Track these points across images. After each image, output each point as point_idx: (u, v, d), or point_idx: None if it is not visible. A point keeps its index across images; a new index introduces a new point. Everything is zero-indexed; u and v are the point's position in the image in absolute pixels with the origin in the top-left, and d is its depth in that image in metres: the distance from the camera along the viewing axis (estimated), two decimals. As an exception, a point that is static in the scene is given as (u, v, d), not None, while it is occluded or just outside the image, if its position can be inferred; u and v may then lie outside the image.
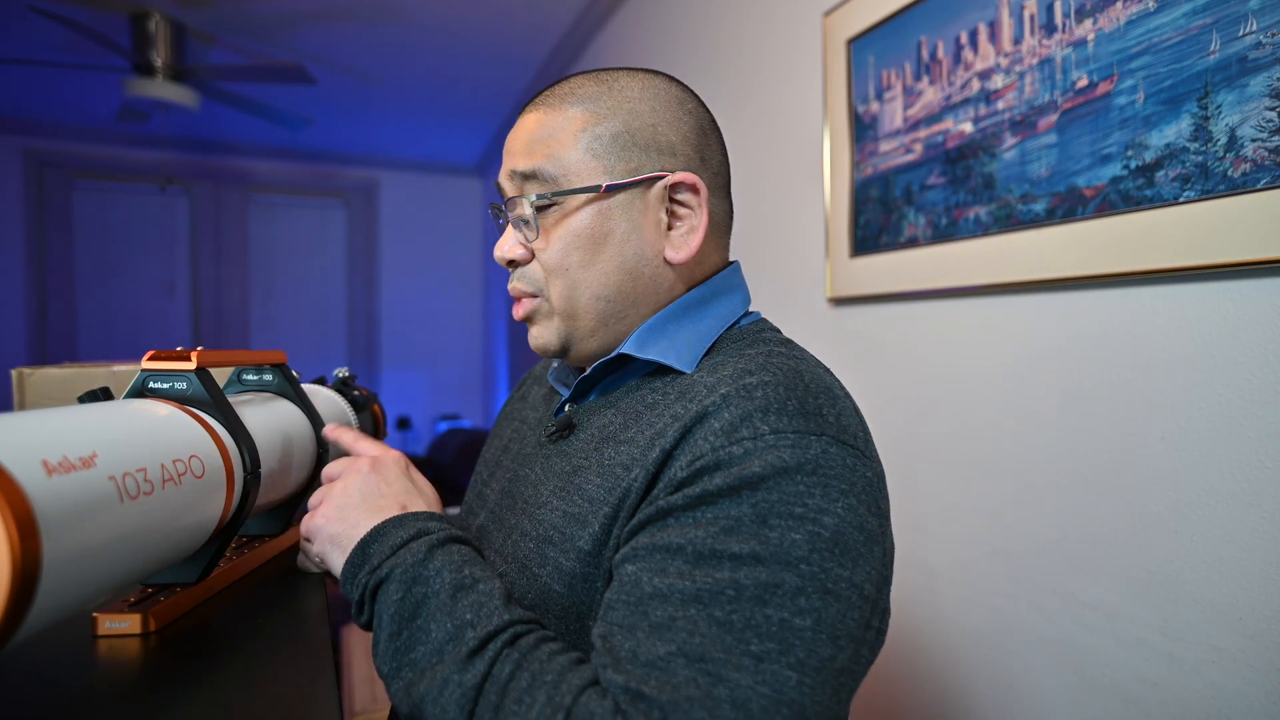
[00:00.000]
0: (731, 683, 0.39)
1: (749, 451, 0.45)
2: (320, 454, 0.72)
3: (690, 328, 0.58)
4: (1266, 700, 0.67)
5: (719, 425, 0.47)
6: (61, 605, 0.38)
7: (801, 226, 1.40)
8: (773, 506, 0.44)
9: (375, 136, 4.17)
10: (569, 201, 0.56)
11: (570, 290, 0.57)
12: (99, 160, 4.00)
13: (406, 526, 0.53)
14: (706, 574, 0.43)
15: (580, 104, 0.57)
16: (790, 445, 0.45)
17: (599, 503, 0.51)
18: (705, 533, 0.44)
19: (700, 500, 0.45)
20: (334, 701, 0.45)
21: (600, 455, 0.54)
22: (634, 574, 0.45)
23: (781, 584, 0.42)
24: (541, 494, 0.57)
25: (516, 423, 0.73)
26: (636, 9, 2.25)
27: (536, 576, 0.53)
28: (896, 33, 1.12)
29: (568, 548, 0.52)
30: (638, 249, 0.57)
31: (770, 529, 0.43)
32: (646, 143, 0.57)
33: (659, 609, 0.42)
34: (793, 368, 0.52)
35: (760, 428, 0.46)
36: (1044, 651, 0.91)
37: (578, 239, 0.56)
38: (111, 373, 0.85)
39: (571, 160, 0.56)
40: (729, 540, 0.43)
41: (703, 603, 0.42)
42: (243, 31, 2.74)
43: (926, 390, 1.10)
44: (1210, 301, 0.73)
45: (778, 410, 0.47)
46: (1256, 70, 0.66)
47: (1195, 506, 0.74)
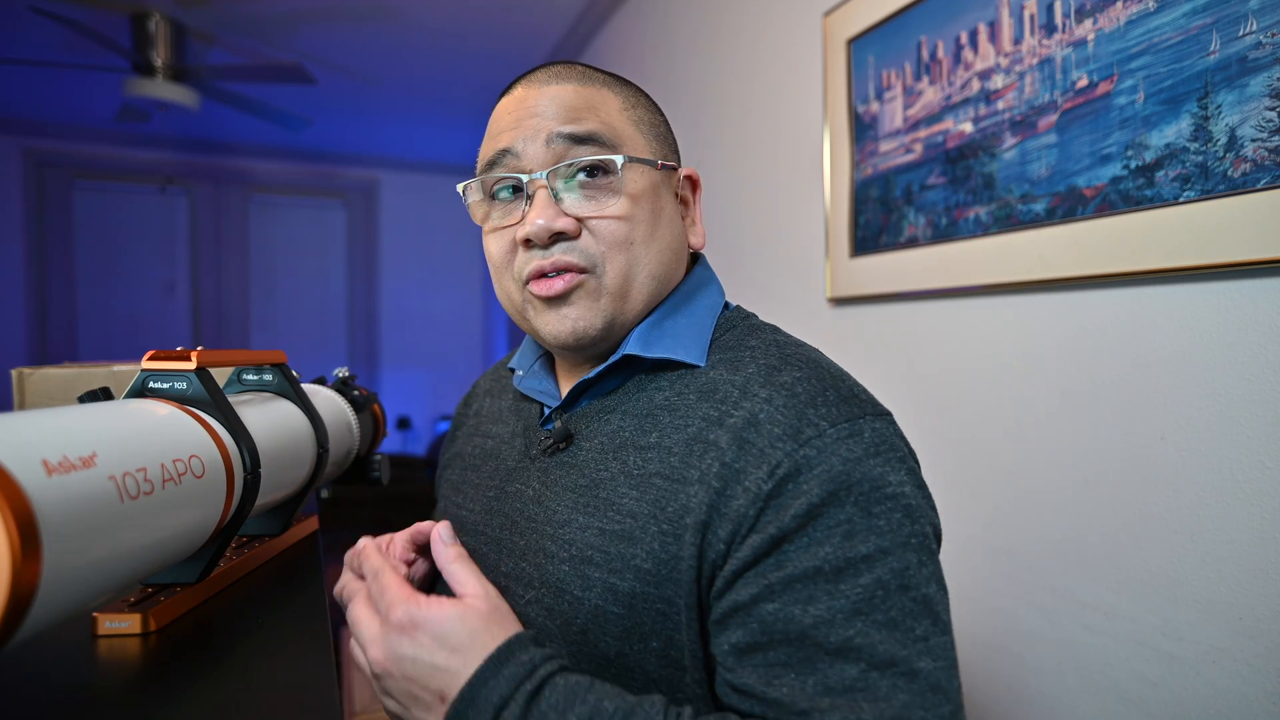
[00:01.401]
0: (923, 673, 0.42)
1: (821, 450, 0.47)
2: (320, 454, 0.72)
3: (685, 321, 0.57)
4: (1266, 700, 0.67)
5: (779, 430, 0.48)
6: (62, 605, 0.38)
7: (801, 226, 1.40)
8: (869, 497, 0.46)
9: (375, 136, 4.17)
10: (630, 171, 0.54)
11: (630, 267, 0.54)
12: (99, 160, 4.01)
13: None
14: (852, 584, 0.44)
15: (607, 85, 0.57)
16: (849, 434, 0.47)
17: (645, 517, 0.49)
18: (831, 548, 0.45)
19: (809, 516, 0.45)
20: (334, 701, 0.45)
21: (623, 464, 0.52)
22: (780, 612, 0.44)
23: (908, 565, 0.45)
24: (558, 512, 0.54)
25: (480, 439, 0.69)
26: (636, 9, 2.25)
27: (582, 600, 0.50)
28: (896, 33, 1.12)
29: (619, 567, 0.49)
30: (677, 230, 0.58)
31: (877, 518, 0.45)
32: (663, 135, 0.59)
33: (829, 634, 0.43)
34: (809, 356, 0.54)
35: (819, 424, 0.48)
36: (1044, 651, 0.91)
37: (642, 211, 0.54)
38: (111, 373, 0.85)
39: (624, 132, 0.55)
40: (854, 544, 0.45)
41: (863, 613, 0.43)
42: (243, 31, 2.74)
43: (926, 390, 1.10)
44: (1210, 301, 0.73)
45: (823, 402, 0.49)
46: (1256, 70, 0.66)
47: (1195, 506, 0.74)
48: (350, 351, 4.60)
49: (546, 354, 0.67)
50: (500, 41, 2.86)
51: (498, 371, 0.77)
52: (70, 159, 3.95)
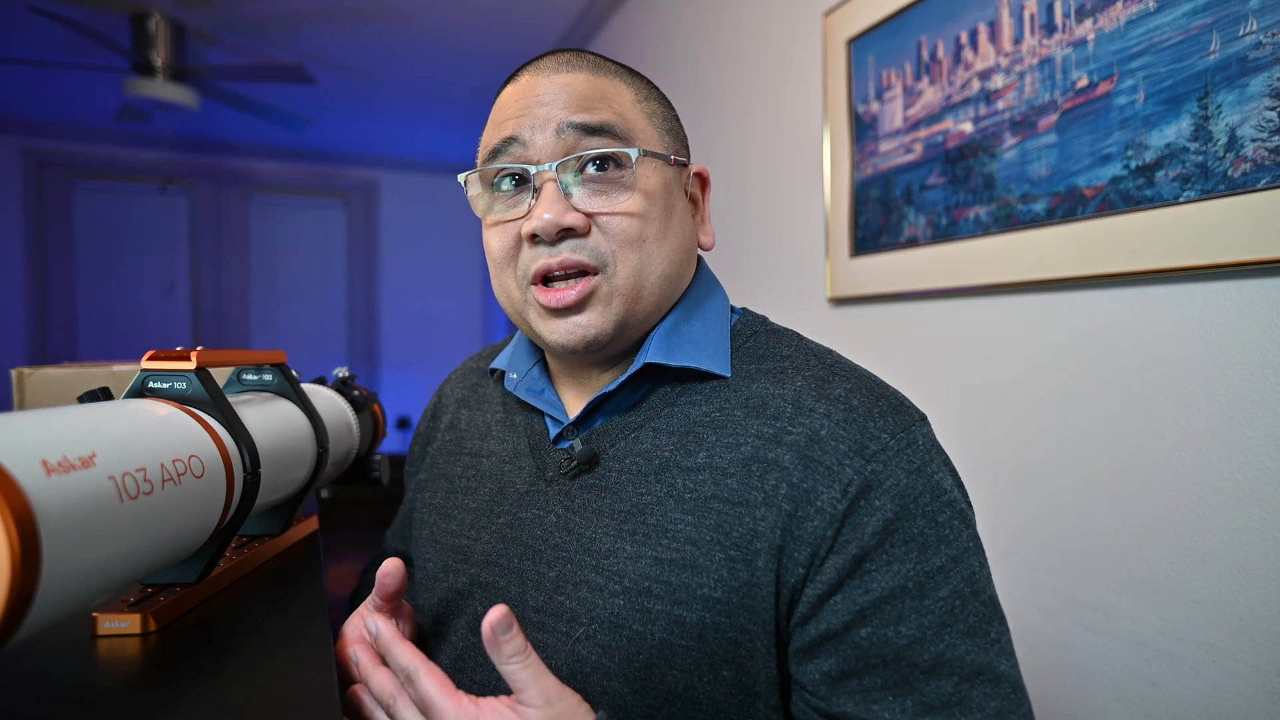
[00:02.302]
0: (1005, 676, 0.44)
1: (887, 465, 0.47)
2: (320, 454, 0.72)
3: (702, 327, 0.54)
4: (1266, 700, 0.67)
5: (845, 446, 0.47)
6: (61, 605, 0.38)
7: (801, 226, 1.40)
8: (934, 506, 0.46)
9: (375, 136, 4.17)
10: (643, 166, 0.51)
11: (642, 266, 0.51)
12: (99, 160, 4.01)
13: None
14: (935, 598, 0.45)
15: (619, 77, 0.54)
16: (906, 445, 0.48)
17: (708, 544, 0.47)
18: (911, 564, 0.45)
19: (886, 532, 0.45)
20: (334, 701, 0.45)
21: (670, 487, 0.49)
22: (875, 636, 0.44)
23: (974, 570, 0.46)
24: (597, 540, 0.50)
25: (468, 458, 0.63)
26: (636, 9, 2.25)
27: (643, 635, 0.47)
28: (896, 33, 1.12)
29: (683, 598, 0.46)
30: (689, 228, 0.56)
31: (944, 528, 0.46)
32: (676, 130, 0.57)
33: (921, 653, 0.44)
34: (849, 366, 0.53)
35: (881, 437, 0.47)
36: (1044, 651, 0.91)
37: (655, 208, 0.51)
38: (111, 373, 0.85)
39: (639, 126, 0.52)
40: (929, 557, 0.45)
41: (948, 625, 0.44)
42: (243, 31, 2.74)
43: (926, 390, 1.10)
44: (1210, 301, 0.73)
45: (879, 414, 0.49)
46: (1256, 70, 0.66)
47: (1195, 506, 0.74)
48: (350, 351, 4.60)
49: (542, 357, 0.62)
50: (500, 41, 2.86)
51: (468, 378, 0.70)
52: (70, 159, 3.95)
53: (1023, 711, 0.44)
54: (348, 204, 4.60)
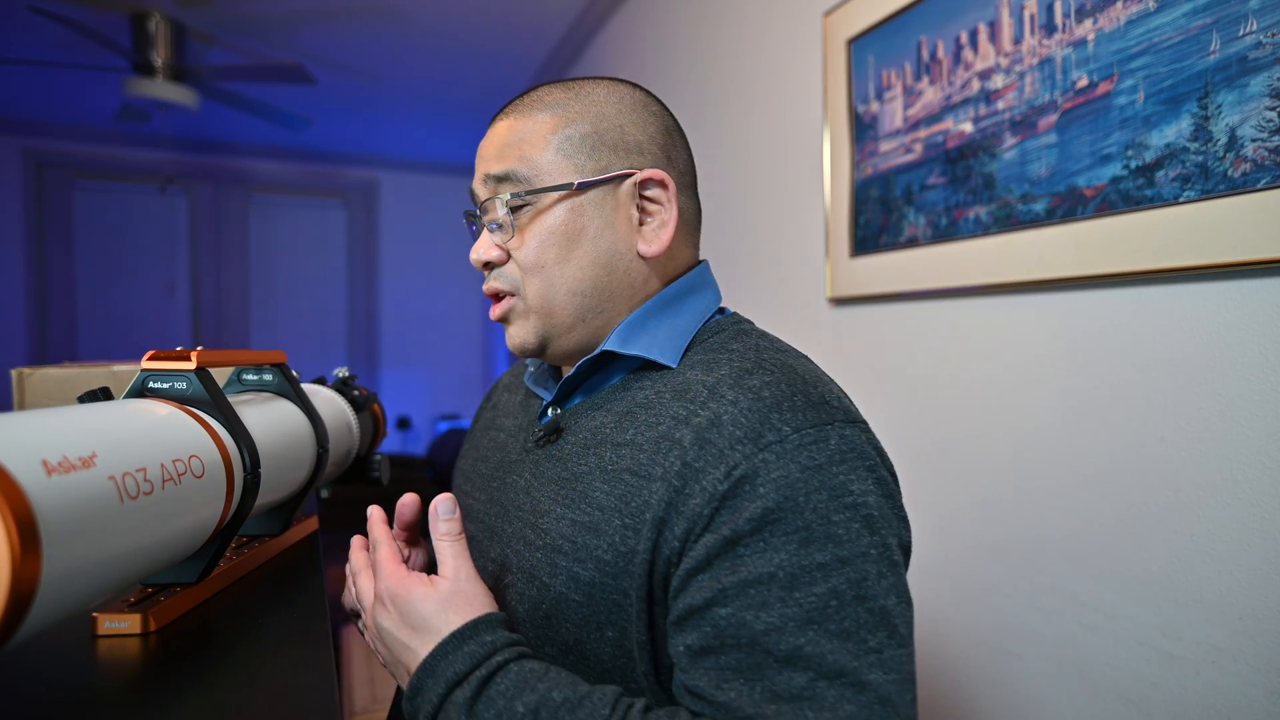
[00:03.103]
0: (872, 685, 0.43)
1: (780, 456, 0.47)
2: (320, 454, 0.72)
3: (669, 323, 0.59)
4: (1266, 700, 0.67)
5: (740, 432, 0.48)
6: (62, 605, 0.38)
7: (801, 226, 1.40)
8: (828, 505, 0.46)
9: (375, 136, 4.17)
10: (542, 200, 0.58)
11: (546, 287, 0.58)
12: (99, 160, 4.01)
13: (425, 696, 0.48)
14: (806, 593, 0.44)
15: (549, 109, 0.59)
16: (813, 441, 0.48)
17: (610, 511, 0.52)
18: (785, 555, 0.45)
19: (764, 522, 0.46)
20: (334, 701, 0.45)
21: (600, 459, 0.55)
22: (733, 616, 0.45)
23: (865, 576, 0.45)
24: (540, 502, 0.58)
25: (493, 432, 0.73)
26: (636, 9, 2.25)
27: (548, 586, 0.53)
28: (896, 33, 1.12)
29: (583, 557, 0.52)
30: (611, 244, 0.58)
31: (836, 526, 0.46)
32: (615, 142, 0.58)
33: (779, 642, 0.44)
34: (783, 362, 0.54)
35: (782, 428, 0.48)
36: (1044, 651, 0.91)
37: (552, 236, 0.58)
38: (111, 373, 0.85)
39: (543, 161, 0.58)
40: (809, 553, 0.45)
41: (816, 622, 0.44)
42: (243, 31, 2.74)
43: (926, 390, 1.10)
44: (1210, 301, 0.73)
45: (790, 407, 0.49)
46: (1256, 70, 0.66)
47: (1195, 506, 0.74)
48: (350, 351, 4.59)
49: None
50: (500, 41, 2.86)
51: (517, 368, 0.81)
52: (70, 159, 3.95)
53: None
54: (348, 204, 4.60)
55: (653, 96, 0.63)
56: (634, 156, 0.59)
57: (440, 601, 0.50)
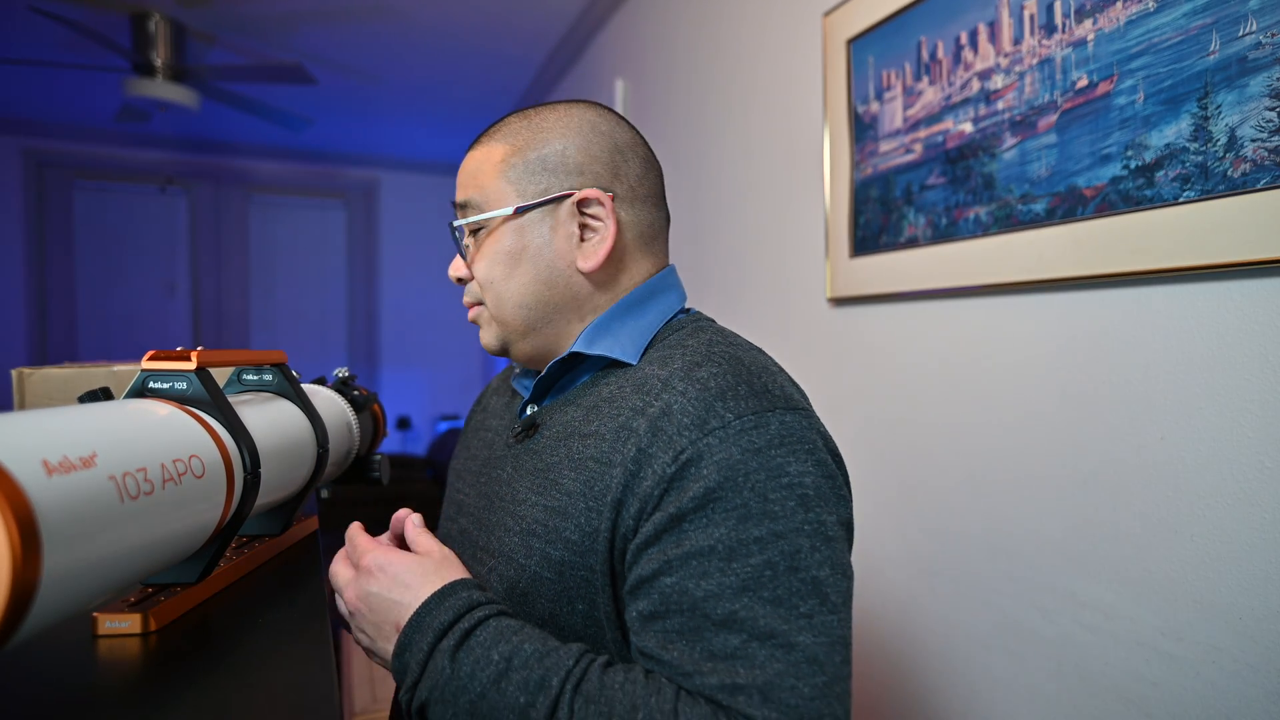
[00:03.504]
0: (801, 645, 0.47)
1: (723, 440, 0.52)
2: (320, 454, 0.72)
3: (632, 324, 0.65)
4: (1266, 700, 0.67)
5: (687, 420, 0.53)
6: (62, 605, 0.38)
7: (801, 226, 1.40)
8: (765, 484, 0.51)
9: (375, 136, 4.17)
10: (491, 223, 0.65)
11: (497, 301, 0.65)
12: (99, 160, 4.00)
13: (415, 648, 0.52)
14: (743, 564, 0.49)
15: (503, 139, 0.65)
16: (754, 426, 0.52)
17: (576, 495, 0.57)
18: (725, 529, 0.50)
19: (706, 500, 0.50)
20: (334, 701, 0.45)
21: (569, 450, 0.60)
22: (677, 585, 0.50)
23: (799, 549, 0.50)
24: (519, 491, 0.63)
25: (482, 432, 0.78)
26: (636, 9, 2.25)
27: (524, 567, 0.59)
28: (896, 33, 1.12)
29: (553, 539, 0.57)
30: (550, 261, 0.64)
31: (772, 504, 0.50)
32: (555, 166, 0.64)
33: (716, 607, 0.48)
34: (732, 354, 0.58)
35: (725, 415, 0.53)
36: (1044, 651, 0.91)
37: (498, 256, 0.64)
38: (111, 373, 0.85)
39: (493, 189, 0.64)
40: (747, 527, 0.50)
41: (750, 590, 0.48)
42: (243, 31, 2.74)
43: (926, 390, 1.10)
44: (1210, 301, 0.73)
45: (734, 395, 0.54)
46: (1256, 70, 0.66)
47: (1195, 506, 0.74)
48: (350, 351, 4.59)
49: None
50: (500, 41, 2.86)
51: (507, 372, 0.85)
52: (70, 159, 3.95)
53: (814, 684, 0.46)
54: (348, 204, 4.60)
55: (608, 116, 0.67)
56: (573, 177, 0.64)
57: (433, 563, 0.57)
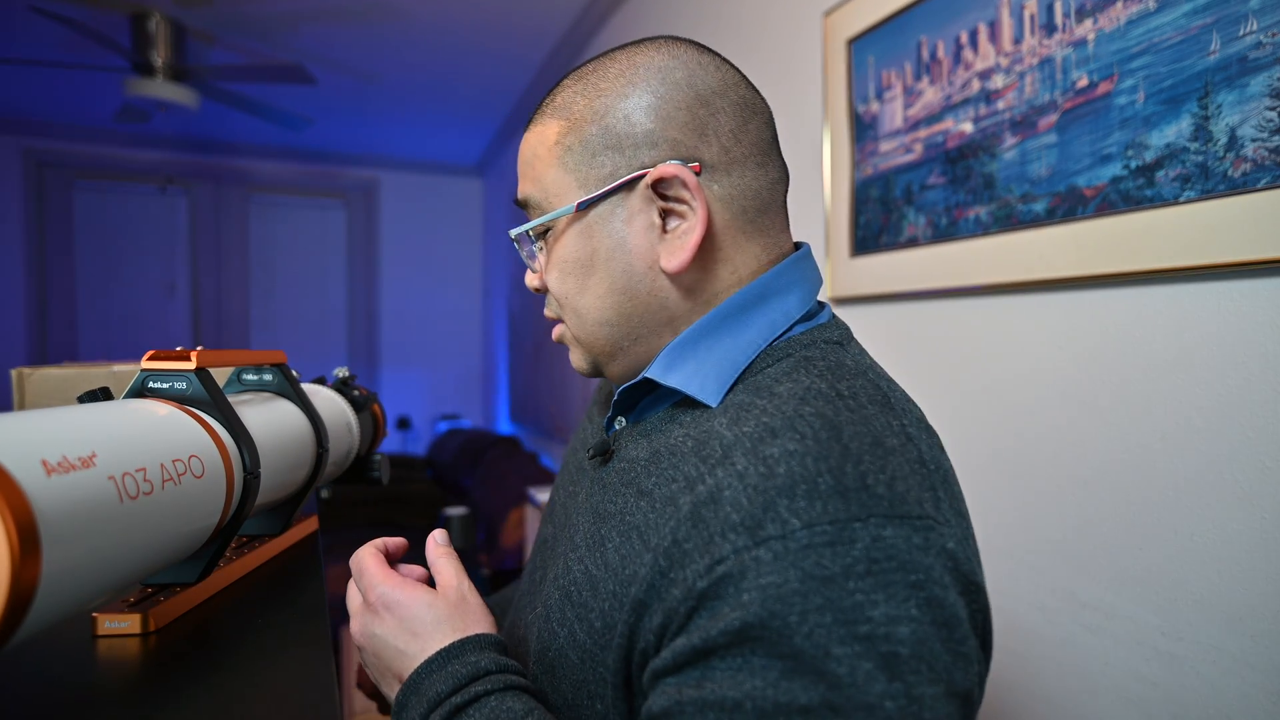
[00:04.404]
0: None
1: (779, 556, 0.36)
2: (320, 454, 0.72)
3: (726, 343, 0.49)
4: (1267, 700, 0.67)
5: (737, 517, 0.38)
6: (61, 606, 0.38)
7: (801, 226, 1.40)
8: (830, 633, 0.35)
9: (375, 136, 4.17)
10: (556, 226, 0.51)
11: (576, 319, 0.53)
12: (99, 160, 4.00)
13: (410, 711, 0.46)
14: None
15: (557, 113, 0.51)
16: (828, 543, 0.37)
17: (612, 569, 0.45)
18: (761, 682, 0.36)
19: (742, 635, 0.36)
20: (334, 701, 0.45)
21: (624, 505, 0.48)
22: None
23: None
24: (578, 533, 0.52)
25: (585, 421, 0.69)
26: (636, 9, 2.25)
27: (555, 634, 0.48)
28: (896, 33, 1.12)
29: (582, 615, 0.46)
30: (627, 264, 0.49)
31: (836, 663, 0.35)
32: (619, 139, 0.48)
33: None
34: (829, 419, 0.41)
35: (789, 521, 0.37)
36: (1044, 651, 0.91)
37: (567, 266, 0.51)
38: (111, 373, 0.85)
39: (551, 181, 0.50)
40: (792, 687, 0.35)
41: None
42: (243, 31, 2.74)
43: (926, 391, 1.10)
44: (1210, 301, 0.73)
45: (808, 491, 0.38)
46: (1257, 70, 0.66)
47: (1195, 506, 0.74)
48: (350, 351, 4.59)
49: None
50: (501, 41, 2.86)
51: None
52: (70, 159, 3.95)
53: None
54: (348, 204, 4.60)
55: (684, 56, 0.50)
56: (644, 151, 0.48)
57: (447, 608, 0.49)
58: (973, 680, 0.38)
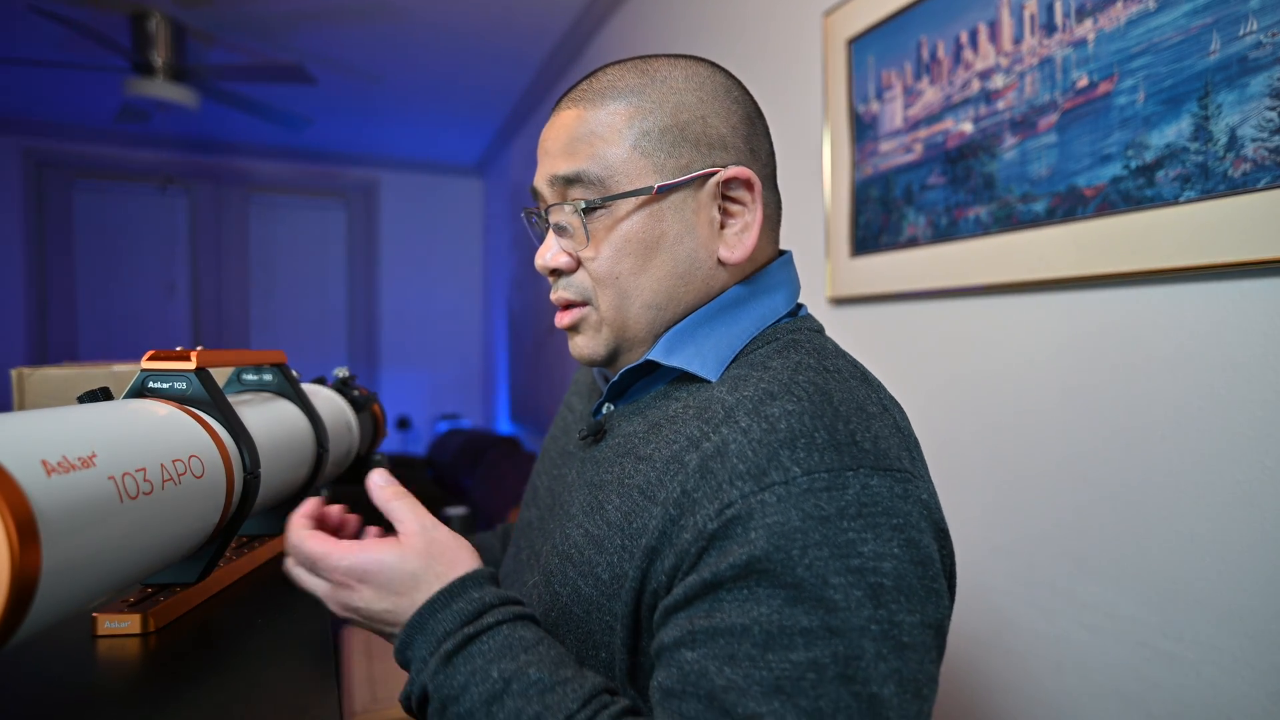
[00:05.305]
0: None
1: (783, 499, 0.42)
2: (320, 454, 0.72)
3: (722, 331, 0.55)
4: (1266, 700, 0.67)
5: (744, 466, 0.43)
6: (61, 605, 0.38)
7: (801, 226, 1.40)
8: (827, 565, 0.40)
9: (375, 136, 4.17)
10: (618, 206, 0.53)
11: (621, 300, 0.54)
12: (99, 160, 4.00)
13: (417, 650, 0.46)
14: (781, 658, 0.39)
15: (623, 97, 0.53)
16: (826, 488, 0.42)
17: (615, 527, 0.49)
18: (767, 610, 0.40)
19: (749, 570, 0.41)
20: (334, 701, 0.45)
21: (622, 470, 0.52)
22: (698, 663, 0.41)
23: (860, 654, 0.39)
24: (573, 506, 0.56)
25: (565, 411, 0.72)
26: (636, 9, 2.25)
27: (558, 595, 0.52)
28: (897, 33, 1.12)
29: (586, 571, 0.50)
30: (691, 251, 0.54)
31: (833, 590, 0.40)
32: (697, 137, 0.53)
33: (739, 703, 0.39)
34: (820, 386, 0.47)
35: (791, 469, 0.43)
36: (1044, 651, 0.91)
37: (629, 245, 0.53)
38: (111, 373, 0.85)
39: (618, 160, 0.52)
40: (794, 614, 0.40)
41: (785, 693, 0.38)
42: (243, 31, 2.74)
43: (926, 390, 1.10)
44: (1210, 301, 0.73)
45: (806, 443, 0.43)
46: (1257, 70, 0.66)
47: (1195, 506, 0.74)
48: (350, 351, 4.59)
49: None
50: (501, 40, 2.86)
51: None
52: (70, 159, 3.95)
53: None
54: (348, 204, 4.60)
55: (734, 79, 0.57)
56: (717, 153, 0.53)
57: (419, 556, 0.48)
58: (944, 614, 0.44)
